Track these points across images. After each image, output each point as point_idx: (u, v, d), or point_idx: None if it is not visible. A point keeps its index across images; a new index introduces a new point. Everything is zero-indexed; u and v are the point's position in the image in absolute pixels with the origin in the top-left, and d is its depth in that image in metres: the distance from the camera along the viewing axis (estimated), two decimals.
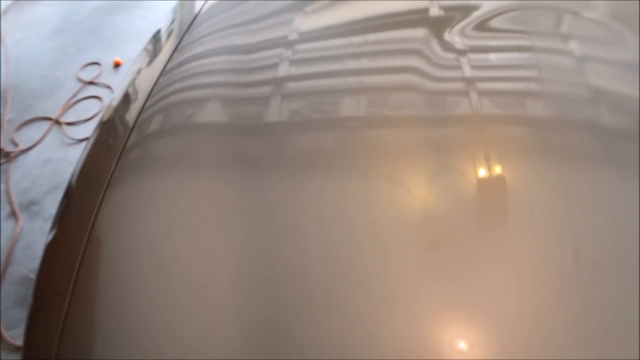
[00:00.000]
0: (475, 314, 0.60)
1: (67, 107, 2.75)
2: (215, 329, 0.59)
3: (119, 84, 1.06)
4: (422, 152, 0.77)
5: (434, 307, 0.60)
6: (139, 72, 1.08)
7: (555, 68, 0.87)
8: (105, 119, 0.94)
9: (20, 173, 2.38)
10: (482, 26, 0.99)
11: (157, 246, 0.67)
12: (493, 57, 0.95)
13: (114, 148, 0.85)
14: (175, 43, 1.08)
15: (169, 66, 1.00)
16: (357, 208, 0.70)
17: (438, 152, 0.77)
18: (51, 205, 2.19)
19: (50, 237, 0.72)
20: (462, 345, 0.58)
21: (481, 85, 0.88)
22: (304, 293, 0.62)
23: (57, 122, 2.65)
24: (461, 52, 0.92)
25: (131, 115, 0.92)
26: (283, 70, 0.95)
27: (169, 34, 1.21)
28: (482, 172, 0.74)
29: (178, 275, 0.64)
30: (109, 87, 2.87)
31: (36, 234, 2.06)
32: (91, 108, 2.72)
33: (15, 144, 2.54)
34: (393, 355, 0.57)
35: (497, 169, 0.74)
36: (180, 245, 0.67)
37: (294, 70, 0.96)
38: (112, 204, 0.72)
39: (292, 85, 0.94)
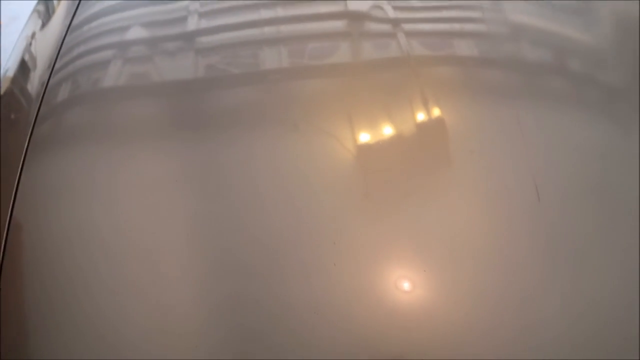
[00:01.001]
0: (430, 254, 0.61)
1: None
2: (174, 308, 0.56)
3: (9, 51, 0.94)
4: (354, 100, 0.76)
5: (386, 252, 0.61)
6: (33, 36, 0.96)
7: (477, 7, 0.89)
8: (2, 91, 0.83)
9: None
10: None
11: (94, 227, 0.62)
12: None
13: (20, 123, 0.76)
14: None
15: (74, 24, 0.90)
16: (291, 164, 0.68)
17: (370, 98, 0.76)
18: None
19: None
20: (422, 286, 0.60)
21: (408, 27, 0.87)
22: (255, 257, 0.60)
23: None
24: None
25: (34, 84, 0.82)
26: (192, 23, 0.89)
27: None
28: (419, 116, 0.75)
29: (124, 255, 0.60)
30: None
31: None
32: None
33: None
34: (349, 302, 0.57)
35: (435, 111, 0.75)
36: (122, 222, 0.62)
37: (205, 24, 0.90)
38: (31, 186, 0.65)
39: (205, 40, 0.88)
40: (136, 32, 0.90)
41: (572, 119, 0.76)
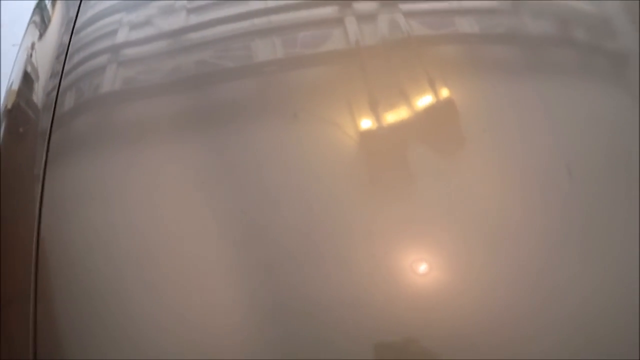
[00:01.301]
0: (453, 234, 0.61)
1: None
2: (215, 306, 0.57)
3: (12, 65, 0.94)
4: (356, 84, 0.75)
5: (399, 236, 0.61)
6: (32, 47, 0.96)
7: None
8: (10, 105, 0.83)
9: None
10: None
11: (127, 230, 0.63)
12: None
13: (29, 136, 0.77)
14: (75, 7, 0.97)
15: (77, 27, 0.90)
16: (294, 154, 0.68)
17: (371, 83, 0.75)
18: None
19: None
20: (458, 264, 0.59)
21: (406, 7, 0.87)
22: (283, 248, 0.60)
23: None
24: None
25: (39, 95, 0.83)
26: (180, 21, 0.89)
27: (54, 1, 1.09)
28: (424, 98, 0.75)
29: (160, 257, 0.60)
30: None
31: None
32: None
33: None
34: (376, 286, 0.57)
35: (441, 91, 0.75)
36: (154, 224, 0.63)
37: (195, 19, 0.90)
38: (57, 195, 0.66)
39: (203, 35, 0.88)
40: (138, 32, 0.90)
41: (592, 90, 0.76)
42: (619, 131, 0.70)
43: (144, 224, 0.63)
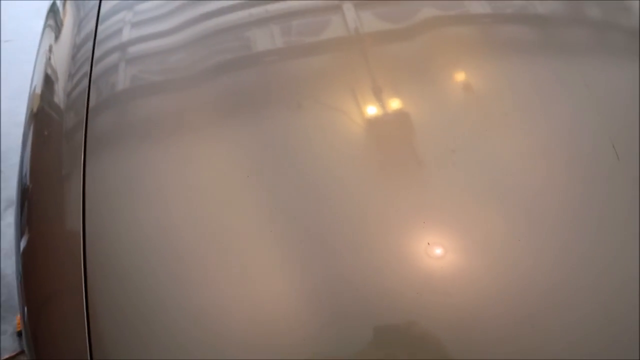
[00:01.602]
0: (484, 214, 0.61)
1: None
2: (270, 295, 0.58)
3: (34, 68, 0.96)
4: (358, 72, 0.75)
5: (414, 219, 0.61)
6: (50, 49, 0.98)
7: None
8: (35, 109, 0.85)
9: None
10: None
11: (173, 223, 0.63)
12: None
13: (53, 137, 0.78)
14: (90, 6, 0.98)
15: (100, 28, 0.91)
16: (301, 143, 0.68)
17: (376, 69, 0.75)
18: None
19: (25, 242, 0.67)
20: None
21: None
22: (303, 237, 0.61)
23: None
24: None
25: (60, 96, 0.84)
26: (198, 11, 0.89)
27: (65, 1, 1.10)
28: (436, 80, 0.74)
29: (209, 250, 0.61)
30: None
31: None
32: None
33: None
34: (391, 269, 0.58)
35: (458, 74, 0.75)
36: (200, 216, 0.63)
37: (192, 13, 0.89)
38: (98, 191, 0.67)
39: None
40: (153, 26, 0.91)
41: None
42: None
43: (189, 216, 0.64)
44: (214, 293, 0.58)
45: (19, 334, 1.64)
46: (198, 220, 0.63)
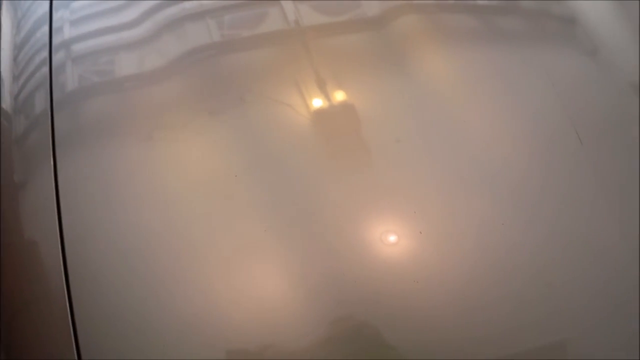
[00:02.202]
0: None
1: None
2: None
3: None
4: (301, 65, 0.75)
5: (368, 208, 0.62)
6: None
7: None
8: None
9: None
10: None
11: (148, 223, 0.62)
12: None
13: (5, 140, 0.75)
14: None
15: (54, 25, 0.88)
16: (245, 138, 0.68)
17: (319, 62, 0.75)
18: None
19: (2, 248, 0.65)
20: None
21: None
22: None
23: None
24: None
25: (7, 100, 0.81)
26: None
27: None
28: (389, 66, 0.75)
29: (184, 248, 0.61)
30: None
31: None
32: None
33: None
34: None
35: (413, 62, 0.74)
36: (187, 210, 0.63)
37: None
38: (75, 194, 0.65)
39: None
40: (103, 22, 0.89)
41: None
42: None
43: (139, 219, 0.63)
44: (196, 292, 0.58)
45: None
46: (170, 217, 0.63)
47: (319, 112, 0.71)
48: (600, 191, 0.64)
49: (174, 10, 0.85)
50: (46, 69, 0.80)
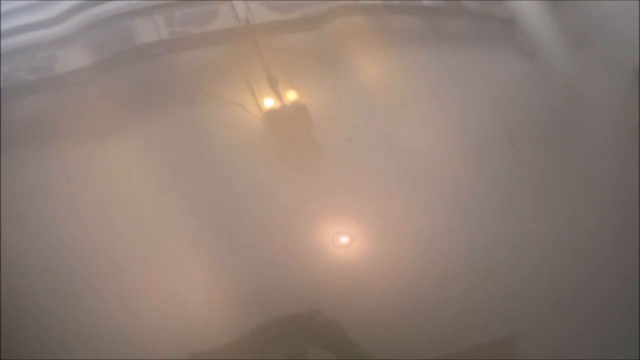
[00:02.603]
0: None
1: None
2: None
3: None
4: (252, 63, 0.73)
5: (318, 209, 0.63)
6: None
7: None
8: None
9: None
10: None
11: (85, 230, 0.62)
12: None
13: None
14: None
15: None
16: (196, 138, 0.67)
17: (270, 61, 0.73)
18: None
19: None
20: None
21: None
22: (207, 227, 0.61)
23: None
24: None
25: None
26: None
27: None
28: (341, 66, 0.75)
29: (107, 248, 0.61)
30: None
31: None
32: None
33: None
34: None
35: (355, 64, 0.75)
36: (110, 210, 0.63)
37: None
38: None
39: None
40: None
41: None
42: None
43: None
44: (123, 295, 0.58)
45: None
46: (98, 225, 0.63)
47: (270, 113, 0.70)
48: (532, 193, 0.66)
49: (122, 4, 0.82)
50: None
